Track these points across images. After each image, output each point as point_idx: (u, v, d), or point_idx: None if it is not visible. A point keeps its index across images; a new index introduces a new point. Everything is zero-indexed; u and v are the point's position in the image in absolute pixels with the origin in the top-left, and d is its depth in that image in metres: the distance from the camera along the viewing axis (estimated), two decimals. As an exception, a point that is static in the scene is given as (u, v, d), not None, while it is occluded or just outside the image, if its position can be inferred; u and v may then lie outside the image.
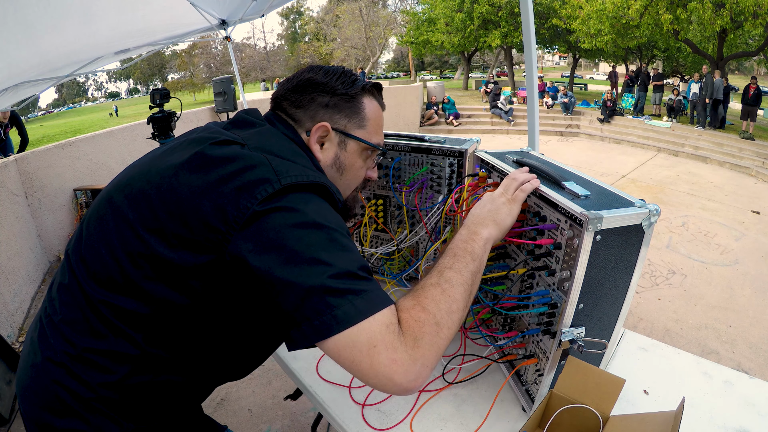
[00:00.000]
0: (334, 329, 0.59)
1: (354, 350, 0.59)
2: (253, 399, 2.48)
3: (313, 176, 0.70)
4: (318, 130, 0.84)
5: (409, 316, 0.64)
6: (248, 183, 0.65)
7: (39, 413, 0.71)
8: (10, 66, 2.55)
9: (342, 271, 0.61)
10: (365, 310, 0.60)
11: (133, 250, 0.67)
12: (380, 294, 0.64)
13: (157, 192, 0.68)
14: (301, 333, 0.60)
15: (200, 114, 7.20)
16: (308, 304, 0.59)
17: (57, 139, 5.66)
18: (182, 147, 0.75)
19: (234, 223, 0.63)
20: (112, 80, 48.48)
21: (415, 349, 0.61)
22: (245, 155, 0.69)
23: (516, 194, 0.89)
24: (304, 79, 0.86)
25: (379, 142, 0.92)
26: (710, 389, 1.00)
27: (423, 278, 0.73)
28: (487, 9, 15.82)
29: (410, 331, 0.62)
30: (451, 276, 0.71)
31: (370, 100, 0.89)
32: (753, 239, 5.29)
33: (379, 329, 0.60)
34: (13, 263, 3.45)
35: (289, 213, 0.63)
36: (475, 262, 0.76)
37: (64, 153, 4.55)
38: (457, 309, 0.68)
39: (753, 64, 23.63)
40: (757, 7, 9.82)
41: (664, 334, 3.39)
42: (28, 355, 0.76)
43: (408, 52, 26.29)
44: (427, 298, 0.68)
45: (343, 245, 0.64)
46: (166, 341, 0.70)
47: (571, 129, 12.38)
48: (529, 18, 1.97)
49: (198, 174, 0.67)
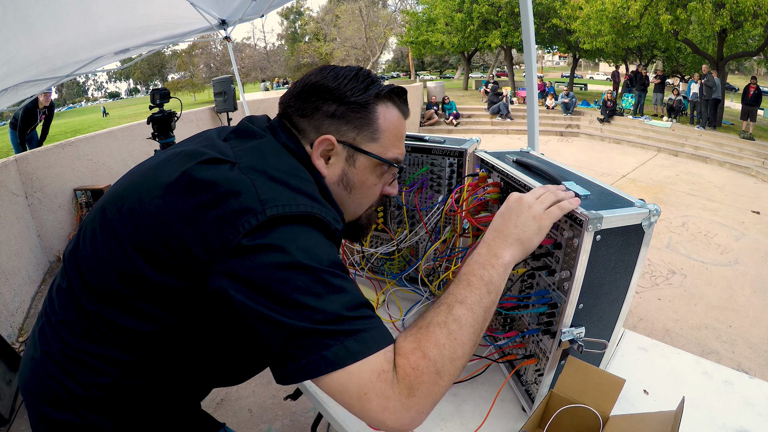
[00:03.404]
0: (323, 370, 0.56)
1: (344, 395, 0.57)
2: (253, 399, 2.48)
3: (303, 205, 0.63)
4: (321, 144, 0.75)
5: (407, 363, 0.59)
6: (231, 212, 0.60)
7: (37, 405, 0.74)
8: (9, 63, 2.55)
9: (332, 316, 0.57)
10: (357, 352, 0.56)
11: (122, 268, 0.66)
12: (376, 334, 0.59)
13: (144, 213, 0.66)
14: (287, 370, 0.57)
15: (200, 114, 7.18)
16: (295, 343, 0.56)
17: (57, 139, 5.64)
18: (176, 160, 0.71)
19: (216, 255, 0.60)
20: (112, 80, 48.60)
21: (410, 398, 0.57)
22: (230, 179, 0.64)
23: (551, 210, 0.76)
24: (310, 84, 0.77)
25: (397, 156, 0.81)
26: (710, 389, 1.00)
27: (430, 309, 0.66)
28: (487, 9, 15.82)
29: (406, 380, 0.57)
30: (461, 315, 0.64)
31: (386, 108, 0.78)
32: (753, 239, 5.29)
33: (370, 377, 0.56)
34: (13, 263, 3.45)
35: (274, 252, 0.58)
36: (491, 295, 0.68)
37: (64, 153, 4.55)
38: (462, 354, 0.62)
39: (753, 64, 23.66)
40: (757, 7, 9.81)
41: (664, 334, 3.39)
42: (29, 349, 0.79)
43: (408, 52, 26.31)
44: (431, 341, 0.61)
45: (335, 286, 0.59)
46: (159, 353, 0.70)
47: (571, 129, 12.38)
48: (529, 18, 1.97)
49: (183, 197, 0.64)
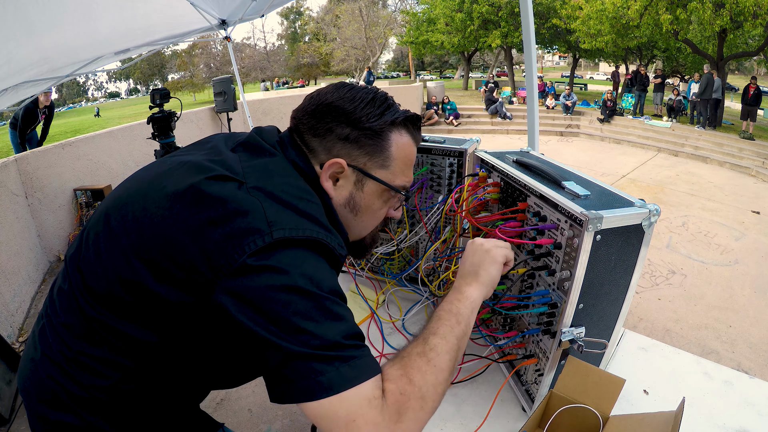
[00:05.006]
0: (318, 395, 0.57)
1: (332, 422, 0.57)
2: (253, 399, 2.48)
3: (309, 230, 0.64)
4: (331, 167, 0.76)
5: (395, 388, 0.61)
6: (238, 231, 0.61)
7: (37, 405, 0.74)
8: (9, 63, 2.55)
9: (329, 342, 0.58)
10: (351, 379, 0.58)
11: (124, 275, 0.66)
12: (368, 361, 0.61)
13: (150, 222, 0.66)
14: (283, 390, 0.59)
15: (200, 114, 7.17)
16: (291, 365, 0.57)
17: (57, 139, 5.64)
18: (183, 170, 0.71)
19: (220, 272, 0.60)
20: (112, 80, 48.57)
21: (398, 424, 0.59)
22: (239, 199, 0.64)
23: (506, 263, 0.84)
24: (326, 103, 0.77)
25: (405, 183, 0.83)
26: (710, 389, 1.00)
27: (408, 345, 0.69)
28: (487, 9, 15.82)
29: (395, 405, 0.59)
30: (436, 343, 0.67)
31: (400, 135, 0.79)
32: (753, 239, 5.29)
33: (360, 404, 0.57)
34: (13, 263, 3.45)
35: (278, 275, 0.60)
36: (460, 325, 0.72)
37: (64, 153, 4.54)
38: (443, 380, 0.65)
39: (753, 64, 23.65)
40: (756, 7, 9.81)
41: (664, 334, 3.39)
42: (29, 350, 0.78)
43: (408, 52, 26.30)
44: (413, 368, 0.64)
45: (334, 313, 0.61)
46: (159, 359, 0.71)
47: (571, 129, 12.38)
48: (529, 18, 1.97)
49: (190, 211, 0.64)
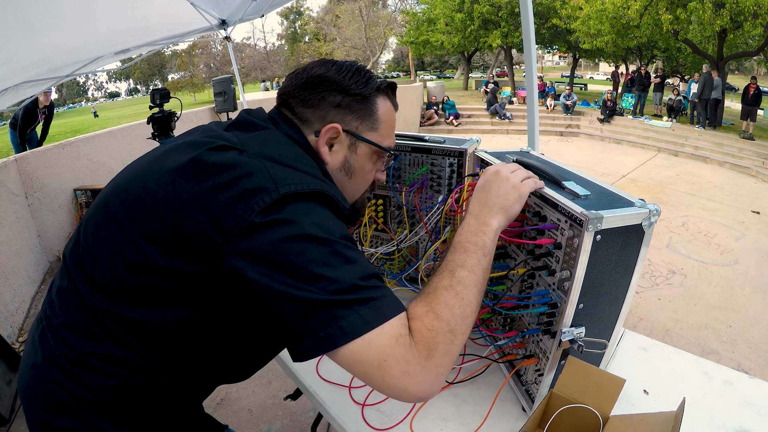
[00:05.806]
0: (340, 341, 0.57)
1: (364, 365, 0.58)
2: (253, 399, 2.48)
3: (313, 184, 0.67)
4: (328, 132, 0.80)
5: (422, 325, 0.61)
6: (245, 192, 0.62)
7: (39, 412, 0.72)
8: (9, 63, 2.55)
9: (346, 285, 0.59)
10: (372, 320, 0.58)
11: (130, 259, 0.66)
12: (390, 302, 0.61)
13: (153, 200, 0.66)
14: (305, 345, 0.59)
15: (200, 114, 7.19)
16: (312, 316, 0.58)
17: (57, 139, 5.64)
18: (180, 150, 0.72)
19: (231, 234, 0.61)
20: (112, 80, 48.62)
21: (429, 360, 0.59)
22: (242, 162, 0.66)
23: (527, 181, 0.84)
24: (315, 76, 0.81)
25: (391, 144, 0.89)
26: (710, 389, 1.00)
27: (433, 278, 0.70)
28: (487, 9, 15.81)
29: (423, 342, 0.60)
30: (464, 276, 0.68)
31: (383, 101, 0.85)
32: (753, 239, 5.29)
33: (389, 342, 0.58)
34: (13, 263, 3.45)
35: (288, 226, 0.61)
36: (486, 258, 0.73)
37: (64, 153, 4.55)
38: (471, 312, 0.66)
39: (753, 64, 23.65)
40: (757, 7, 9.81)
41: (664, 334, 3.39)
42: (29, 355, 0.76)
43: (408, 52, 26.30)
44: (441, 303, 0.64)
45: (347, 257, 0.62)
46: (166, 347, 0.70)
47: (571, 129, 12.38)
48: (529, 18, 1.97)
49: (194, 182, 0.65)
